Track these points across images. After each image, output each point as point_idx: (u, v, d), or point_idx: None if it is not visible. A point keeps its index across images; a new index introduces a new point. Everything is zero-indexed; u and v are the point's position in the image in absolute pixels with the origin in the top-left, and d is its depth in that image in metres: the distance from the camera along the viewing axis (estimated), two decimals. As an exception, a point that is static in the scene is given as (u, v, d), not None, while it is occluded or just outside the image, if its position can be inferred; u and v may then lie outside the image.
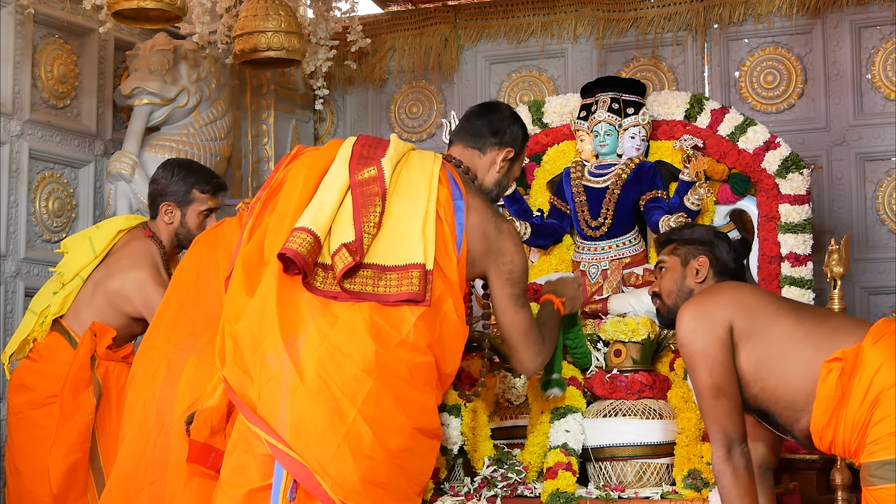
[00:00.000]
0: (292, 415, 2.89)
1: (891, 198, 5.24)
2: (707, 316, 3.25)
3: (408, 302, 3.05)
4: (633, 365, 3.85)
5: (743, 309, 3.25)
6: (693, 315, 3.26)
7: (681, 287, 3.48)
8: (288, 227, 3.09)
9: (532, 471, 3.84)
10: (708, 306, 3.27)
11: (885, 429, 3.02)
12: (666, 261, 3.53)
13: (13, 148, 4.76)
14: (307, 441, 2.88)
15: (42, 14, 4.87)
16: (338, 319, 3.00)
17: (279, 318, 2.96)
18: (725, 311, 3.24)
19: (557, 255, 4.70)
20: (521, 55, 5.83)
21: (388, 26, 6.02)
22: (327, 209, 3.11)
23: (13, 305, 4.72)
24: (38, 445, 4.14)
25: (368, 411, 2.94)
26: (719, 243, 3.50)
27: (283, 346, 2.94)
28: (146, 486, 3.46)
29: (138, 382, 3.67)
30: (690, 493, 3.62)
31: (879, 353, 3.08)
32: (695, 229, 3.60)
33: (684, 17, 5.57)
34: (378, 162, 3.20)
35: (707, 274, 3.45)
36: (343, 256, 3.04)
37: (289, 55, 4.96)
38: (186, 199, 4.33)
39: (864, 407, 3.04)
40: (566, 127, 4.79)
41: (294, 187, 3.17)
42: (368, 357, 2.96)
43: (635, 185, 4.47)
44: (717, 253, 3.48)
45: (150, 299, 4.15)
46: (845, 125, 5.33)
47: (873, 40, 5.33)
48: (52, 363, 4.22)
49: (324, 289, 3.05)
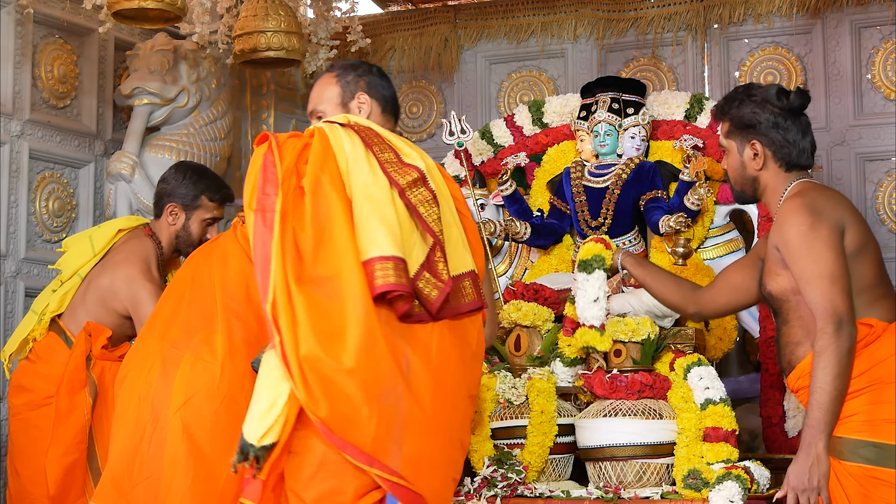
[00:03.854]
0: (409, 447, 2.76)
1: (891, 198, 5.24)
2: (827, 211, 3.29)
3: (469, 313, 2.95)
4: (633, 365, 3.85)
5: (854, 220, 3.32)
6: (813, 206, 3.29)
7: (743, 175, 3.46)
8: (343, 249, 2.78)
9: (532, 471, 3.84)
10: (823, 203, 3.31)
11: (882, 413, 3.12)
12: (723, 143, 3.51)
13: (13, 148, 4.76)
14: (422, 473, 2.79)
15: (42, 14, 4.87)
16: (429, 345, 2.85)
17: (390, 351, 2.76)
18: (838, 212, 3.29)
19: (557, 255, 4.70)
20: (521, 55, 5.83)
21: (388, 26, 6.02)
22: (396, 228, 2.82)
23: (13, 305, 4.72)
24: (36, 447, 4.14)
25: (466, 437, 2.97)
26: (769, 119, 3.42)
27: (400, 377, 2.77)
28: (140, 481, 3.46)
29: (132, 379, 3.66)
30: (690, 493, 3.62)
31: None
32: (742, 105, 3.45)
33: (684, 17, 5.57)
34: (415, 164, 2.97)
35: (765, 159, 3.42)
36: (432, 282, 2.86)
37: (289, 55, 4.96)
38: (194, 204, 4.34)
39: (863, 377, 3.16)
40: (566, 127, 4.79)
41: (329, 199, 2.82)
42: (475, 379, 2.95)
43: (635, 185, 4.47)
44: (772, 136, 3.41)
45: (137, 294, 4.15)
46: (845, 125, 5.32)
47: (873, 40, 5.33)
48: (48, 364, 4.23)
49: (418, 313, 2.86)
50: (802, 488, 3.17)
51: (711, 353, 4.43)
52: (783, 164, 3.39)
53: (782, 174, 3.40)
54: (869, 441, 3.14)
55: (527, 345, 4.06)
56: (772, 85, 3.49)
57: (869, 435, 3.14)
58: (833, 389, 3.13)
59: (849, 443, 3.17)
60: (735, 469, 3.55)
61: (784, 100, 3.39)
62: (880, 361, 3.18)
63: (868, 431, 3.15)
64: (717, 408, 3.72)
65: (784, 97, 3.39)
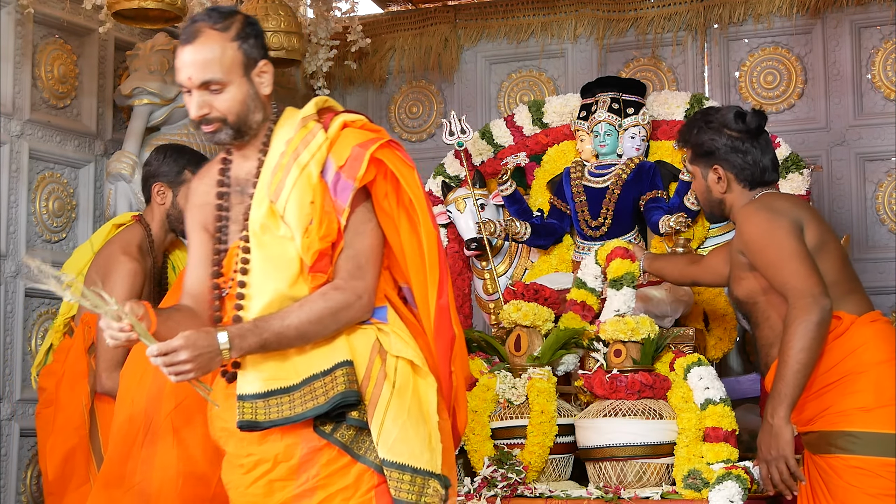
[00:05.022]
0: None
1: (891, 198, 5.24)
2: (784, 209, 3.40)
3: None
4: (633, 365, 3.85)
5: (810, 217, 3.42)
6: (770, 206, 3.41)
7: (710, 198, 3.60)
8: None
9: (532, 471, 3.84)
10: (781, 204, 3.43)
11: (855, 402, 3.20)
12: (688, 169, 3.66)
13: (13, 148, 4.76)
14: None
15: (42, 14, 4.86)
16: None
17: None
18: (795, 211, 3.39)
19: (557, 255, 4.70)
20: (521, 55, 5.83)
21: (388, 26, 6.02)
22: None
23: (13, 305, 4.72)
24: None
25: None
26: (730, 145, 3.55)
27: None
28: (132, 486, 3.47)
29: (126, 383, 3.68)
30: (690, 493, 3.62)
31: (871, 333, 3.28)
32: (700, 132, 3.59)
33: (684, 17, 5.57)
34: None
35: (729, 182, 3.56)
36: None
37: (289, 55, 4.96)
38: (178, 180, 4.34)
39: (834, 370, 3.24)
40: (566, 127, 4.79)
41: (421, 194, 2.79)
42: None
43: (635, 185, 4.48)
44: (732, 160, 3.54)
45: (111, 268, 4.13)
46: (845, 125, 5.33)
47: (873, 40, 5.33)
48: (55, 360, 4.30)
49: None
50: (768, 458, 3.28)
51: (711, 353, 4.43)
52: (746, 185, 3.52)
53: (747, 192, 3.52)
54: (844, 431, 3.20)
55: (527, 345, 4.06)
56: (729, 108, 3.62)
57: (844, 425, 3.20)
58: (797, 362, 3.20)
59: (825, 436, 3.23)
60: (735, 469, 3.55)
61: (741, 123, 3.53)
62: (850, 353, 3.25)
63: (843, 422, 3.21)
64: (717, 408, 3.72)
65: (741, 120, 3.53)
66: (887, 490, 3.15)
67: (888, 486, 3.15)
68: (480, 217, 4.57)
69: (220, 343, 2.57)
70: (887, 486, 3.15)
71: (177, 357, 2.53)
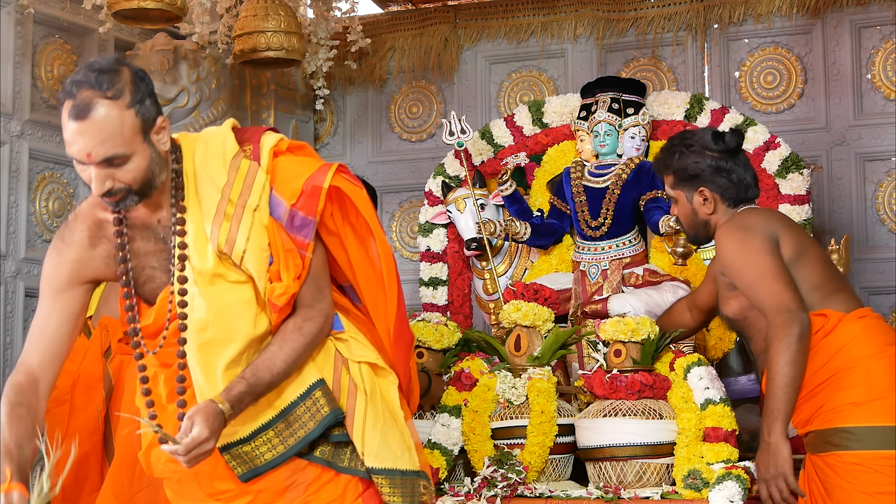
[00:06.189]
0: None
1: (891, 198, 5.24)
2: (757, 225, 3.44)
3: None
4: (633, 365, 3.85)
5: (787, 229, 3.44)
6: (743, 224, 3.44)
7: (695, 221, 3.62)
8: None
9: (532, 471, 3.84)
10: (753, 220, 3.47)
11: (847, 398, 3.21)
12: (671, 194, 3.67)
13: (13, 148, 4.76)
14: None
15: (42, 14, 4.87)
16: None
17: None
18: (768, 225, 3.43)
19: (557, 255, 4.70)
20: (521, 55, 5.83)
21: (388, 26, 6.01)
22: None
23: (13, 305, 4.72)
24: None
25: None
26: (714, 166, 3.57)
27: None
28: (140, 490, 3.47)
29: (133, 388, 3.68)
30: (690, 493, 3.62)
31: (858, 328, 3.28)
32: (682, 157, 3.61)
33: (684, 17, 5.57)
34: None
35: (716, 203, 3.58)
36: None
37: (289, 55, 4.96)
38: None
39: (825, 369, 3.25)
40: (566, 127, 4.79)
41: (373, 212, 2.86)
42: None
43: (635, 186, 4.48)
44: (717, 181, 3.56)
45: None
46: (845, 125, 5.32)
47: (873, 40, 5.33)
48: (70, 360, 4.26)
49: None
50: (767, 477, 3.29)
51: (711, 353, 4.43)
52: (731, 203, 3.56)
53: (730, 211, 3.56)
54: (838, 428, 3.22)
55: (527, 345, 4.06)
56: (705, 129, 3.68)
57: (838, 422, 3.22)
58: (784, 376, 3.23)
59: (821, 434, 3.25)
60: (735, 469, 3.55)
61: (721, 143, 3.57)
62: (839, 350, 3.28)
63: (837, 419, 3.22)
64: (717, 408, 3.72)
65: (720, 140, 3.57)
66: (884, 486, 3.15)
67: (885, 481, 3.15)
68: (480, 217, 4.57)
69: (225, 415, 2.53)
70: (884, 482, 3.15)
71: (205, 447, 2.49)
